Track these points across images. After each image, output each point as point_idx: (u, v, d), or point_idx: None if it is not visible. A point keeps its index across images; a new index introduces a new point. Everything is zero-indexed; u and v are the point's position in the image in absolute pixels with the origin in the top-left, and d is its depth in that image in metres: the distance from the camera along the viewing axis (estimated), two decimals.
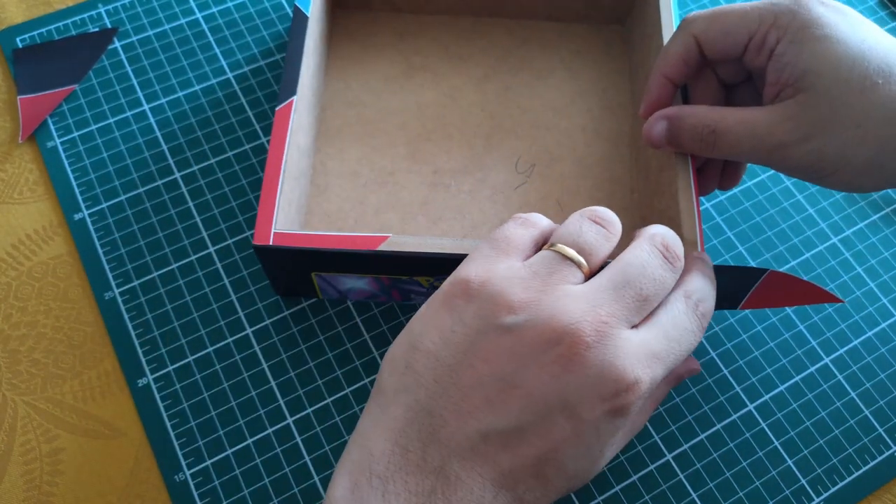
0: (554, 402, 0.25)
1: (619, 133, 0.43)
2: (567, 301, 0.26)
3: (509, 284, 0.26)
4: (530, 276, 0.27)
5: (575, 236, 0.28)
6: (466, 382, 0.25)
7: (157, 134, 0.44)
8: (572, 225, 0.28)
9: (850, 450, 0.37)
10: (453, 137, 0.43)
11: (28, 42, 0.47)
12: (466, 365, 0.26)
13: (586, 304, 0.26)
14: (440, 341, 0.26)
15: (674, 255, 0.28)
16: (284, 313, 0.39)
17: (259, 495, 0.35)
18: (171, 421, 0.36)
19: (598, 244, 0.28)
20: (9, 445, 0.36)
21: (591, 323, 0.25)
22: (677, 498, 0.36)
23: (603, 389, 0.25)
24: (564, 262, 0.27)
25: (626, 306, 0.26)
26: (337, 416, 0.37)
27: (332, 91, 0.44)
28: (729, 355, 0.39)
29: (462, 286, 0.27)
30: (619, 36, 0.47)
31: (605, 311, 0.26)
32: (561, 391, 0.25)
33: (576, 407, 0.25)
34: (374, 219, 0.40)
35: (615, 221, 0.29)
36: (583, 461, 0.26)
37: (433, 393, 0.26)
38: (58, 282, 0.40)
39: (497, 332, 0.26)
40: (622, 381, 0.25)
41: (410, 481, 0.25)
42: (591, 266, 0.28)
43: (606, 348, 0.25)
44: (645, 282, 0.27)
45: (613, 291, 0.26)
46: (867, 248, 0.42)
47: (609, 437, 0.26)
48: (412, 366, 0.26)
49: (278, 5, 0.49)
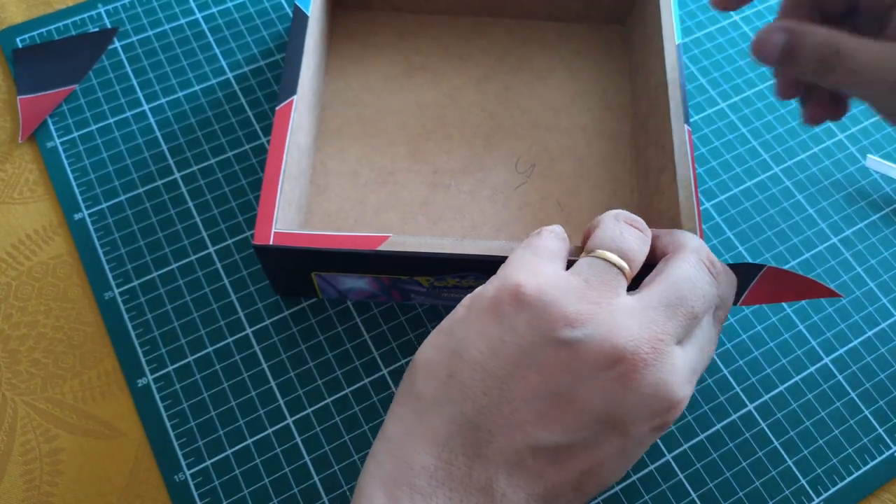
0: (607, 419, 0.25)
1: (619, 133, 0.43)
2: (623, 318, 0.26)
3: (563, 294, 0.25)
4: (583, 285, 0.26)
5: (618, 241, 0.28)
6: (518, 395, 0.25)
7: (157, 134, 0.44)
8: (611, 230, 0.28)
9: (850, 450, 0.37)
10: (453, 137, 0.43)
11: (28, 42, 0.47)
12: (519, 377, 0.25)
13: (643, 321, 0.26)
14: (488, 351, 0.25)
15: (718, 270, 0.29)
16: (284, 313, 0.39)
17: (259, 495, 0.35)
18: (171, 421, 0.36)
19: (638, 248, 0.28)
20: (9, 445, 0.36)
21: (649, 342, 0.25)
22: (677, 498, 0.36)
23: (656, 408, 0.25)
24: (611, 269, 0.27)
25: (679, 324, 0.26)
26: (337, 416, 0.37)
27: (332, 91, 0.44)
28: (729, 355, 0.39)
29: (512, 292, 0.26)
30: (619, 36, 0.47)
31: (660, 329, 0.26)
32: (617, 409, 0.25)
33: (628, 425, 0.25)
34: (374, 219, 0.40)
35: (644, 224, 0.30)
36: (618, 473, 0.26)
37: (482, 406, 0.25)
38: (58, 282, 0.40)
39: (554, 345, 0.25)
40: (673, 400, 0.25)
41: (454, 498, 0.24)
42: (633, 270, 0.28)
43: (662, 368, 0.25)
44: (695, 299, 0.27)
45: (666, 309, 0.26)
46: (867, 248, 0.42)
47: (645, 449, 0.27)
48: (456, 375, 0.25)
49: (278, 5, 0.49)
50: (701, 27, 0.49)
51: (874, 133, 0.46)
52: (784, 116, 0.46)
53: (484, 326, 0.26)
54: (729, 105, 0.46)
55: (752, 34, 0.49)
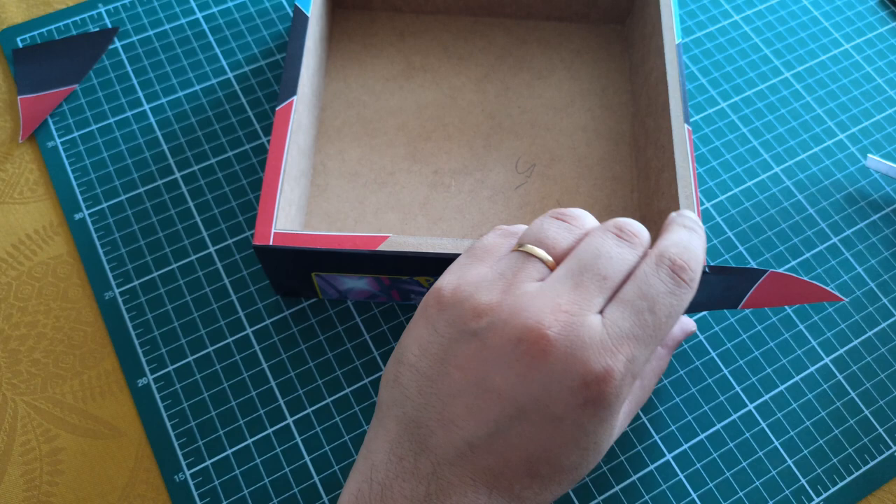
0: (525, 402, 0.25)
1: (619, 133, 0.43)
2: (527, 298, 0.25)
3: (475, 289, 0.26)
4: (496, 278, 0.26)
5: (536, 233, 0.28)
6: (445, 391, 0.25)
7: (158, 134, 0.44)
8: (535, 224, 0.28)
9: (850, 450, 0.37)
10: (453, 137, 0.43)
11: (28, 42, 0.47)
12: (444, 374, 0.26)
13: (546, 297, 0.25)
14: (420, 352, 0.26)
15: (628, 232, 0.27)
16: (284, 313, 0.39)
17: (259, 495, 0.35)
18: (171, 421, 0.36)
19: (559, 236, 0.27)
20: (9, 445, 0.36)
21: (551, 315, 0.25)
22: (677, 498, 0.36)
23: (572, 383, 0.24)
24: (528, 258, 0.27)
25: (587, 290, 0.25)
26: (337, 416, 0.37)
27: (332, 91, 0.44)
28: (729, 355, 0.39)
29: (435, 296, 0.27)
30: (619, 36, 0.47)
31: (565, 300, 0.25)
32: (530, 390, 0.24)
33: (549, 405, 0.24)
34: (374, 219, 0.40)
35: (579, 214, 0.29)
36: (574, 455, 0.26)
37: (418, 405, 0.26)
38: (58, 282, 0.40)
39: (467, 338, 0.25)
40: (590, 373, 0.24)
41: (406, 487, 0.25)
42: (557, 259, 0.27)
43: (570, 340, 0.24)
44: (602, 262, 0.26)
45: (571, 279, 0.26)
46: (867, 248, 0.42)
47: (597, 427, 0.25)
48: (398, 379, 0.27)
49: (278, 5, 0.49)
50: (701, 27, 0.49)
51: (874, 133, 0.46)
52: (784, 116, 0.46)
53: (417, 331, 0.27)
54: (729, 105, 0.46)
55: (752, 34, 0.49)
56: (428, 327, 0.27)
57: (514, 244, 0.29)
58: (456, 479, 0.25)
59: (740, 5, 0.50)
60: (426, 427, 0.26)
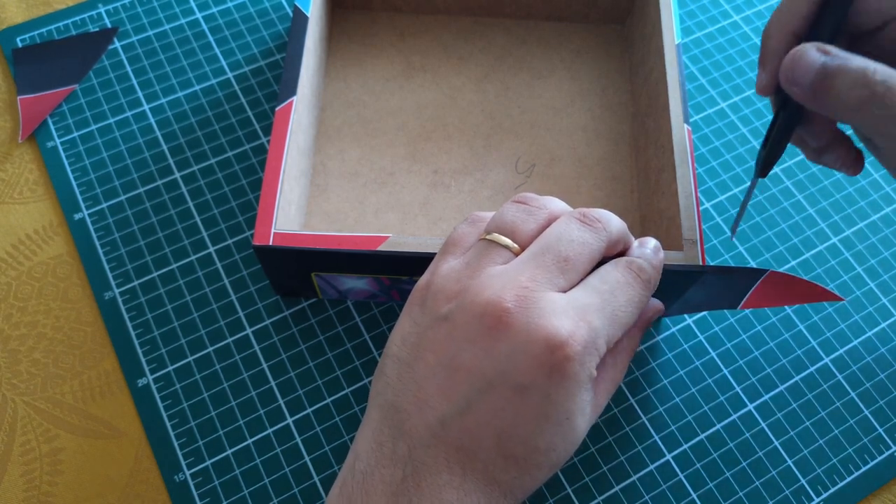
0: (492, 375, 0.25)
1: (619, 133, 0.43)
2: (490, 279, 0.27)
3: (446, 280, 0.28)
4: (463, 267, 0.28)
5: (498, 221, 0.29)
6: (421, 374, 0.26)
7: (157, 134, 0.44)
8: (499, 212, 0.29)
9: (850, 450, 0.37)
10: (453, 137, 0.43)
11: (28, 42, 0.47)
12: (420, 359, 0.27)
13: (507, 276, 0.26)
14: (400, 342, 0.28)
15: (591, 218, 0.28)
16: (284, 313, 0.39)
17: (259, 495, 0.35)
18: (171, 421, 0.36)
19: (520, 221, 0.28)
20: (9, 445, 0.36)
21: (512, 290, 0.26)
22: (677, 498, 0.36)
23: (535, 351, 0.25)
24: (492, 246, 0.28)
25: (547, 269, 0.27)
26: (337, 416, 0.37)
27: (332, 91, 0.44)
28: (729, 355, 0.39)
29: (416, 293, 0.29)
30: (619, 36, 0.47)
31: (526, 276, 0.26)
32: (495, 362, 0.25)
33: (514, 376, 0.25)
34: (374, 219, 0.40)
35: (538, 198, 0.29)
36: (548, 433, 0.26)
37: (397, 390, 0.27)
38: (58, 282, 0.40)
39: (439, 322, 0.27)
40: (553, 339, 0.25)
41: (385, 473, 0.26)
42: (521, 244, 0.28)
43: (530, 311, 0.25)
44: (563, 244, 0.27)
45: (532, 260, 0.27)
46: (867, 248, 0.42)
47: (567, 401, 0.25)
48: (382, 370, 0.28)
49: (278, 5, 0.49)
50: (701, 27, 0.49)
51: None
52: None
53: (400, 326, 0.28)
54: (729, 105, 0.46)
55: (752, 34, 0.49)
56: (409, 320, 0.28)
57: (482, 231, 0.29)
58: (430, 460, 0.26)
59: (740, 5, 0.50)
60: (404, 411, 0.26)
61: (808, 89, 0.28)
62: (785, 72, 0.28)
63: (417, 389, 0.26)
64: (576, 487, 0.36)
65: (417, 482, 0.25)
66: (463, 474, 0.25)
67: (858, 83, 0.26)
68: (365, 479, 0.26)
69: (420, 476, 0.25)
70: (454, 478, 0.25)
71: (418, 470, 0.25)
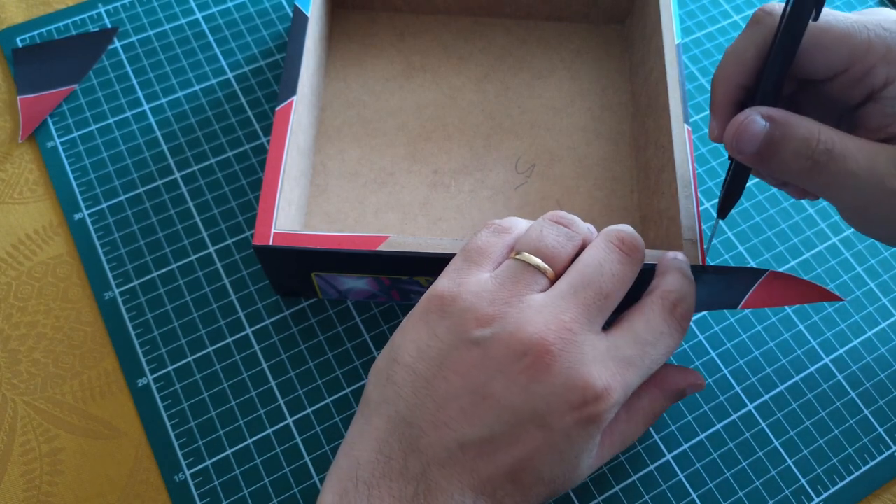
0: (524, 412, 0.25)
1: (619, 133, 0.43)
2: (531, 312, 0.26)
3: (478, 299, 0.27)
4: (497, 288, 0.27)
5: (536, 242, 0.28)
6: (441, 394, 0.26)
7: (157, 134, 0.44)
8: (533, 230, 0.28)
9: (850, 450, 0.37)
10: (453, 137, 0.43)
11: (28, 42, 0.47)
12: (441, 378, 0.26)
13: (549, 312, 0.26)
14: (417, 354, 0.27)
15: (630, 246, 0.28)
16: (284, 313, 0.39)
17: (259, 495, 0.35)
18: (171, 421, 0.36)
19: (559, 246, 0.28)
20: (9, 445, 0.36)
21: (556, 331, 0.26)
22: (677, 498, 0.36)
23: (571, 398, 0.25)
24: (528, 269, 0.27)
25: (588, 308, 0.26)
26: (337, 416, 0.37)
27: (332, 91, 0.44)
28: (729, 355, 0.39)
29: (436, 302, 0.28)
30: (619, 36, 0.47)
31: (569, 316, 0.26)
32: (530, 401, 0.25)
33: (545, 416, 0.25)
34: (374, 219, 0.40)
35: (576, 220, 0.29)
36: (558, 468, 0.26)
37: (412, 405, 0.26)
38: (58, 282, 0.40)
39: (467, 345, 0.26)
40: (590, 390, 0.25)
41: (394, 487, 0.26)
42: (556, 269, 0.28)
43: (572, 356, 0.25)
44: (605, 279, 0.27)
45: (573, 296, 0.27)
46: (867, 248, 0.42)
47: (583, 443, 0.26)
48: (392, 378, 0.27)
49: (278, 5, 0.49)
50: (701, 27, 0.49)
51: None
52: None
53: (415, 333, 0.27)
54: None
55: None
56: (427, 331, 0.27)
57: (509, 243, 0.29)
58: (444, 481, 0.25)
59: (740, 5, 0.50)
60: (418, 427, 0.26)
61: (754, 156, 0.28)
62: (729, 140, 0.28)
63: (437, 409, 0.26)
64: (576, 487, 0.36)
65: (429, 501, 0.25)
66: (475, 497, 0.26)
67: (801, 154, 0.27)
68: (370, 491, 0.26)
69: (433, 496, 0.25)
70: (466, 500, 0.26)
71: (431, 489, 0.25)
